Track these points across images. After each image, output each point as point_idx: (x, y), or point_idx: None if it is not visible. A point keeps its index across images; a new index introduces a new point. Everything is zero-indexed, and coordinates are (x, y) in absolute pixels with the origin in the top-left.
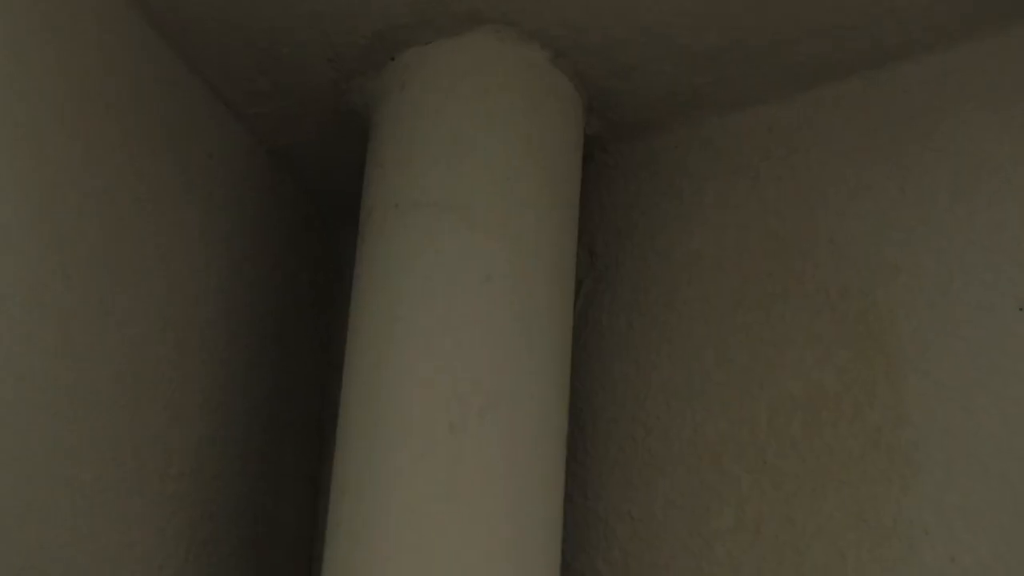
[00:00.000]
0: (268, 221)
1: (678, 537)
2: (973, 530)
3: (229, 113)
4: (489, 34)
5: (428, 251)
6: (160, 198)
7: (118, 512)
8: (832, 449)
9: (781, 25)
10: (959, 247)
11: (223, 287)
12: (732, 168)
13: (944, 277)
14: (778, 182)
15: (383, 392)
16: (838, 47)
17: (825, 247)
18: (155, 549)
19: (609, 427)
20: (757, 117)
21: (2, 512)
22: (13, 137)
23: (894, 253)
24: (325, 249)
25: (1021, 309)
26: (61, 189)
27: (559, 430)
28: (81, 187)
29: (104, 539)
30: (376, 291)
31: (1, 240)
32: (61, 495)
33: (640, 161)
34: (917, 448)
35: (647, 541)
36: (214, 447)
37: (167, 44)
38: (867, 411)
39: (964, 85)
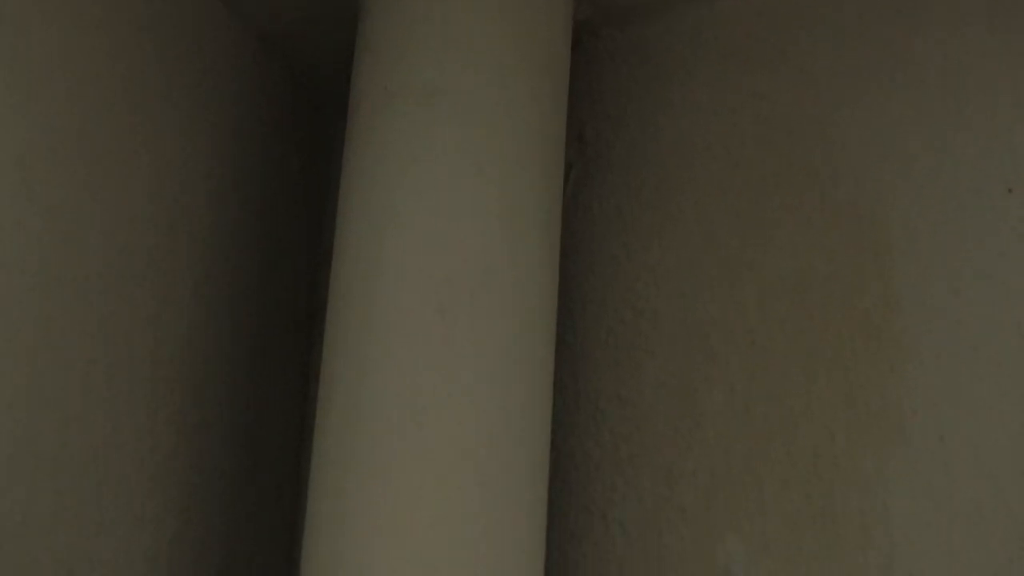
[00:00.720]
0: (258, 109)
1: (667, 418)
2: (961, 410)
3: None
4: None
5: (418, 137)
6: (147, 84)
7: (109, 395)
8: (821, 331)
9: None
10: (949, 131)
11: (211, 175)
12: (723, 54)
13: (934, 161)
14: (768, 68)
15: (373, 278)
16: None
17: (815, 131)
18: (146, 433)
19: (598, 310)
20: (747, 3)
21: None
22: None
23: (884, 136)
24: (316, 138)
25: (1010, 191)
26: (48, 75)
27: (548, 314)
28: (67, 73)
29: (94, 422)
30: (366, 178)
31: None
32: (52, 379)
33: (630, 47)
34: (906, 330)
35: (636, 423)
36: (204, 333)
37: None
38: (856, 294)
39: None
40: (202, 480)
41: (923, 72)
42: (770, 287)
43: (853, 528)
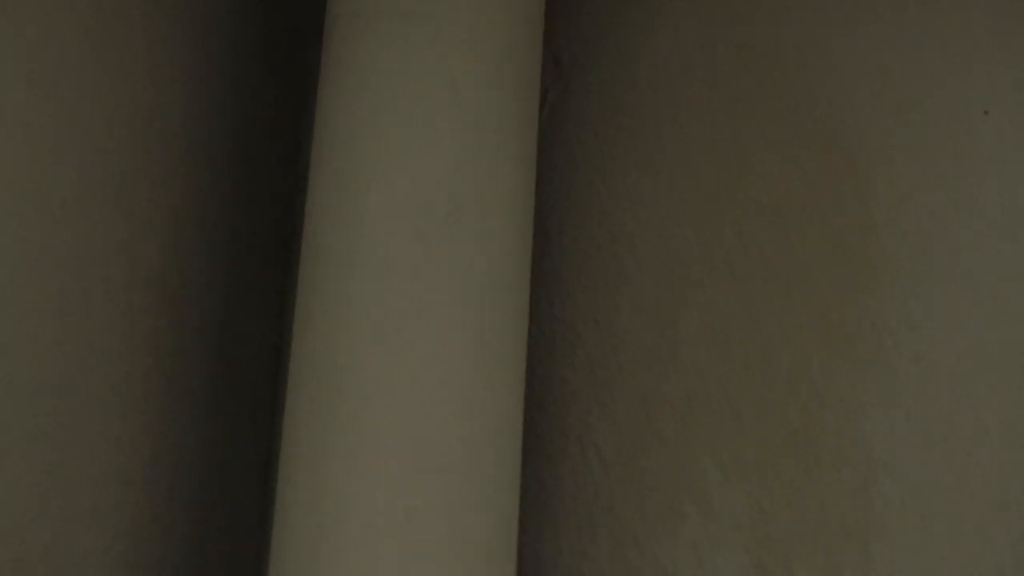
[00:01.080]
0: (232, 33)
1: (644, 343)
2: (937, 331)
3: None
4: None
5: (393, 61)
6: (119, 6)
7: (83, 319)
8: (798, 256)
9: None
10: (926, 54)
11: (185, 99)
12: None
13: (911, 84)
14: None
15: (347, 203)
16: None
17: (792, 56)
18: (120, 357)
19: (575, 235)
20: None
21: None
22: None
23: (862, 61)
24: (292, 62)
25: (986, 113)
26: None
27: (525, 238)
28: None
29: (68, 346)
30: (340, 102)
31: None
32: (26, 303)
33: None
34: (882, 254)
35: (613, 347)
36: (179, 257)
37: None
38: (833, 218)
39: None
40: (177, 403)
41: None
42: (747, 212)
43: (829, 450)
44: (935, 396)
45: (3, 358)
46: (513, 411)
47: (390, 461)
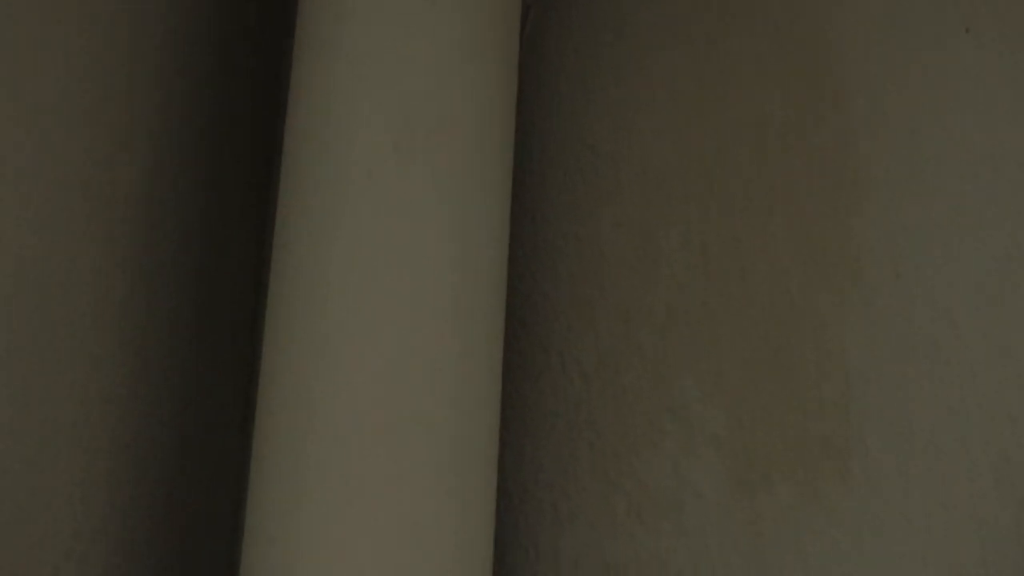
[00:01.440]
0: None
1: (624, 258)
2: (917, 247)
3: None
4: None
5: None
6: None
7: (63, 236)
8: (779, 173)
9: None
10: None
11: (166, 17)
12: None
13: (892, 1)
14: None
15: (328, 115)
16: None
17: None
18: (99, 274)
19: (556, 150)
20: None
21: None
22: None
23: None
24: None
25: (967, 31)
26: None
27: (505, 152)
28: None
29: (48, 262)
30: (320, 14)
31: None
32: (5, 218)
33: None
34: (862, 171)
35: (593, 261)
36: (159, 175)
37: None
38: (814, 136)
39: None
40: (157, 322)
41: None
42: (727, 129)
43: (808, 366)
44: (915, 313)
45: None
46: (494, 327)
47: (371, 375)
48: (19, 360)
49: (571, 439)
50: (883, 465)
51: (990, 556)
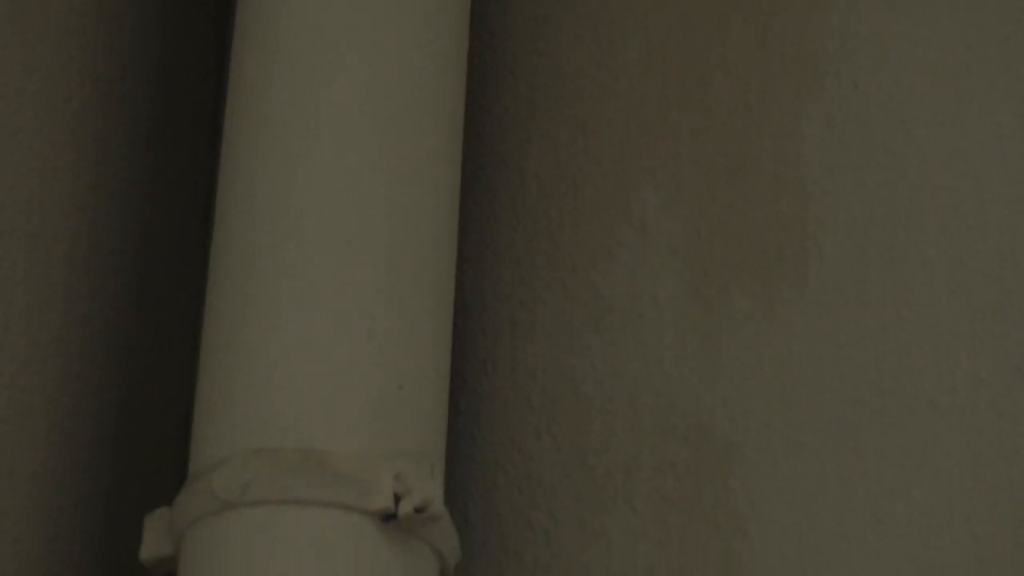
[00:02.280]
0: None
1: (583, 71)
2: (877, 57)
3: None
4: None
5: None
6: None
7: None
8: None
9: None
10: None
11: None
12: None
13: None
14: None
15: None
16: None
17: None
18: (59, 83)
19: None
20: None
21: None
22: None
23: None
24: None
25: None
26: None
27: None
28: None
29: (6, 74)
30: None
31: None
32: None
33: None
34: None
35: (552, 75)
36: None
37: None
38: None
39: None
40: (116, 134)
41: None
42: None
43: (767, 176)
44: (873, 123)
45: None
46: (451, 142)
47: (326, 191)
48: None
49: (529, 252)
50: (840, 276)
51: (944, 361)
